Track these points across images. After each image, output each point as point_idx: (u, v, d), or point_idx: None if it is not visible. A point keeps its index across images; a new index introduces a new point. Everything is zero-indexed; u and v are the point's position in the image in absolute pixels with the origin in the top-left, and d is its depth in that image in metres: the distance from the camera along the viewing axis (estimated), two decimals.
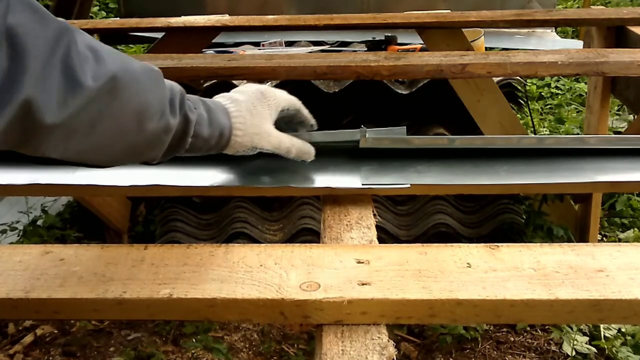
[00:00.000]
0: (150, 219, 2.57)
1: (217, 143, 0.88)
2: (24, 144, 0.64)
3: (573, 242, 2.25)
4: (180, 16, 2.14)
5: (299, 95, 1.02)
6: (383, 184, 1.01)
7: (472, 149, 1.09)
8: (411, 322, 0.77)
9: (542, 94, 4.41)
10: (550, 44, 2.64)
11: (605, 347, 1.96)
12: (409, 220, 2.40)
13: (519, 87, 2.40)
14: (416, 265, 0.79)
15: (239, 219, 2.33)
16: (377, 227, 0.94)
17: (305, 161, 1.01)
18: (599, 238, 2.54)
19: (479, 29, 2.20)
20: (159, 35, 2.18)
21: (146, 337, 2.14)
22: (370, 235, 0.90)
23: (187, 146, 0.83)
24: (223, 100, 0.92)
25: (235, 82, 2.04)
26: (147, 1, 2.93)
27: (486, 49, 2.36)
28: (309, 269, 0.78)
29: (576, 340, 1.97)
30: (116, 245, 0.87)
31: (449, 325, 2.01)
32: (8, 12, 0.57)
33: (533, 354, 2.01)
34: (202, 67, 1.46)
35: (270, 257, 0.81)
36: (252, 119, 0.92)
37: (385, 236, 2.31)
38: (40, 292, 0.76)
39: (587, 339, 2.00)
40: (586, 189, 1.66)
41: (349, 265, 0.79)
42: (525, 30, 2.82)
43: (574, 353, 1.95)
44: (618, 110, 3.83)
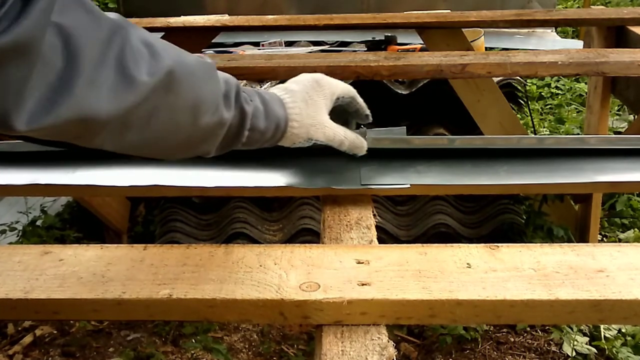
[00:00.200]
0: (150, 219, 2.57)
1: (273, 135, 0.86)
2: (78, 138, 0.65)
3: (573, 242, 2.25)
4: (179, 16, 2.14)
5: None
6: (383, 184, 1.01)
7: (472, 149, 1.09)
8: (411, 323, 0.77)
9: (542, 94, 4.40)
10: (550, 44, 2.64)
11: (606, 347, 1.96)
12: (408, 221, 2.40)
13: (519, 87, 2.40)
14: (416, 265, 0.78)
15: (238, 219, 2.33)
16: (377, 227, 0.94)
17: (356, 155, 0.99)
18: (599, 238, 2.53)
19: (479, 29, 2.20)
20: (159, 35, 2.17)
21: (145, 337, 2.14)
22: (370, 235, 0.90)
23: (244, 139, 0.82)
24: (278, 91, 0.90)
25: None
26: (146, 1, 2.94)
27: (486, 49, 2.36)
28: (309, 269, 0.78)
29: (576, 340, 1.97)
30: (116, 245, 0.86)
31: (449, 326, 2.01)
32: (55, 9, 0.56)
33: (533, 355, 2.01)
34: None
35: (270, 258, 0.81)
36: (307, 109, 0.89)
37: (385, 236, 2.31)
38: (40, 293, 0.75)
39: (587, 339, 2.00)
40: (586, 189, 1.66)
41: (349, 266, 0.79)
42: (525, 30, 2.83)
43: (574, 353, 1.95)
44: (618, 110, 3.83)
